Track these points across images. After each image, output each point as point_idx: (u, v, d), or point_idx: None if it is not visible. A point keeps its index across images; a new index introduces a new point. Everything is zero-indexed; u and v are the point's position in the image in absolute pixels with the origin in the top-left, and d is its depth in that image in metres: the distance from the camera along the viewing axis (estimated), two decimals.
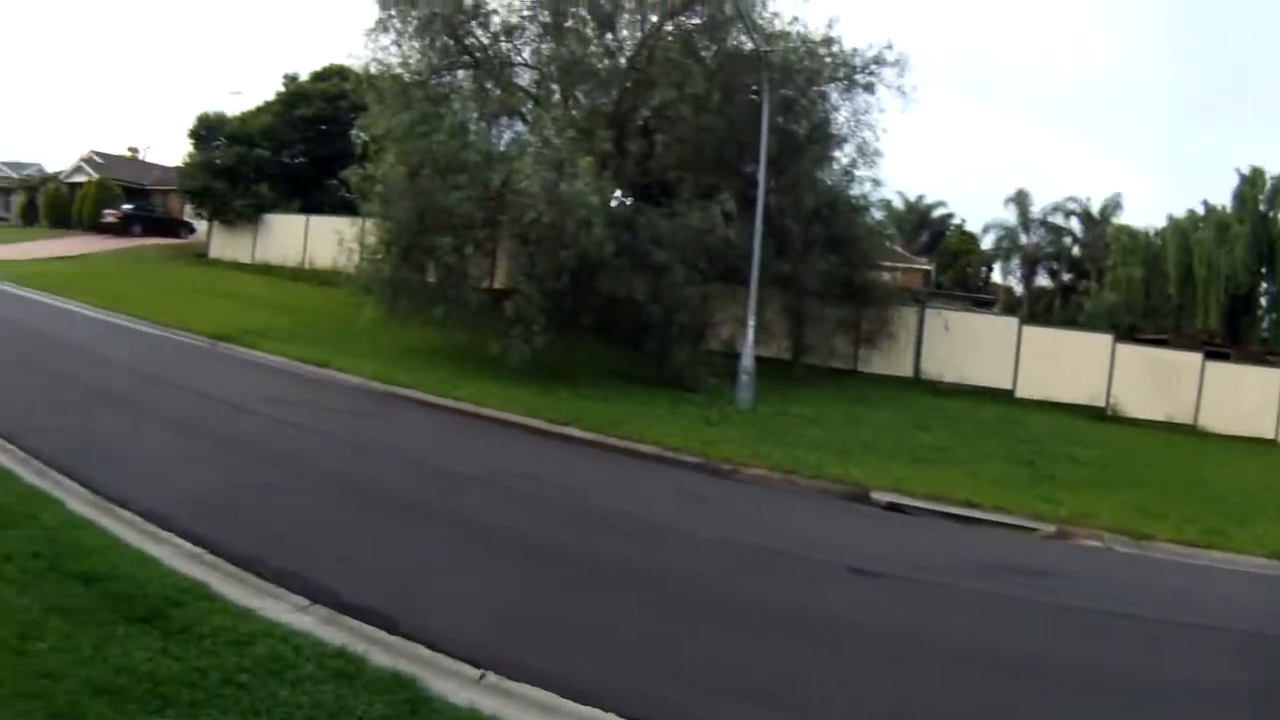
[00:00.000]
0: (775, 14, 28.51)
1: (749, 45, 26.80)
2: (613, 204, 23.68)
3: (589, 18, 28.76)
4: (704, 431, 19.64)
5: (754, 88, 27.06)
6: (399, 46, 29.94)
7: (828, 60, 28.05)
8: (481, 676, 7.59)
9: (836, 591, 11.13)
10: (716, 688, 8.01)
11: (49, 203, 74.49)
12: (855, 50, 28.39)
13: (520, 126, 30.10)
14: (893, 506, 15.99)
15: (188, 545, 9.96)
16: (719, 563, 11.66)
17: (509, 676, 7.60)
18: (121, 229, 62.93)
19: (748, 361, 23.75)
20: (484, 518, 12.63)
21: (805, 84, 27.58)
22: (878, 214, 36.39)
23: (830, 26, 28.28)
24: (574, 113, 27.80)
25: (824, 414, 22.83)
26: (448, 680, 7.41)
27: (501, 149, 28.76)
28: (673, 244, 24.58)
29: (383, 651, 7.73)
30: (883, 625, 10.02)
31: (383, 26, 29.68)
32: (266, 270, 46.29)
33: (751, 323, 24.22)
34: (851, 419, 22.58)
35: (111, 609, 7.72)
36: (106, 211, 64.77)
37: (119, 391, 18.80)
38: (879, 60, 28.30)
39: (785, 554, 12.32)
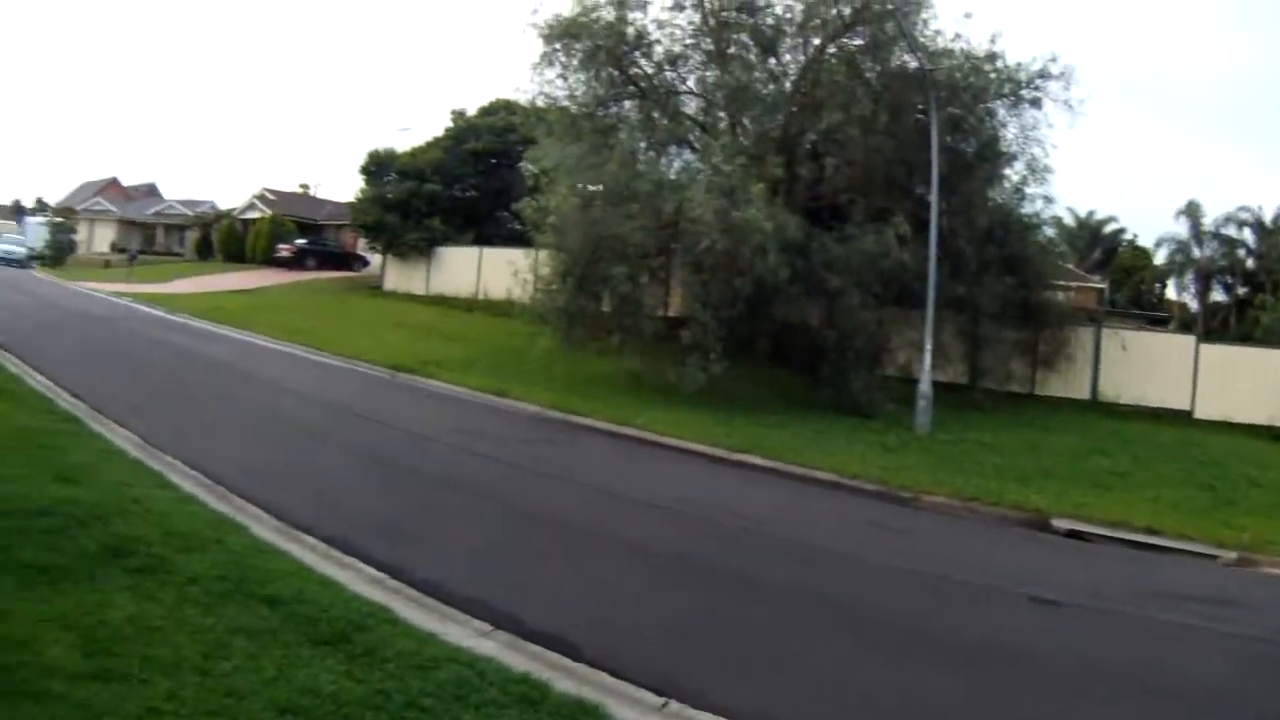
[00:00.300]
0: (938, 32, 28.11)
1: (913, 64, 26.49)
2: (785, 229, 23.44)
3: (751, 43, 28.75)
4: (882, 458, 19.40)
5: (920, 107, 26.75)
6: (565, 79, 30.24)
7: (992, 76, 27.47)
8: (664, 704, 7.59)
9: (1017, 621, 10.93)
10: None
11: (223, 238, 76.81)
12: (1019, 65, 27.78)
13: (689, 154, 30.14)
14: (1073, 534, 15.66)
15: (370, 570, 10.18)
16: (900, 592, 11.55)
17: (691, 704, 7.61)
18: (296, 263, 64.52)
19: (925, 386, 23.36)
20: (663, 545, 12.70)
21: (971, 101, 27.13)
22: (1049, 232, 35.36)
23: (993, 41, 27.72)
24: (742, 139, 27.75)
25: (1001, 439, 22.41)
26: (630, 708, 7.45)
27: (672, 177, 28.83)
28: (846, 268, 24.36)
29: (565, 678, 7.76)
30: (1064, 656, 9.76)
31: (548, 60, 29.98)
32: (441, 301, 46.93)
33: (928, 347, 23.85)
34: (1029, 444, 22.12)
35: (296, 631, 7.92)
36: (281, 246, 66.58)
37: (300, 420, 19.38)
38: (1044, 74, 27.63)
39: (966, 583, 12.13)
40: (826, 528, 14.74)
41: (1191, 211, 73.03)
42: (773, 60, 28.72)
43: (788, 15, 28.78)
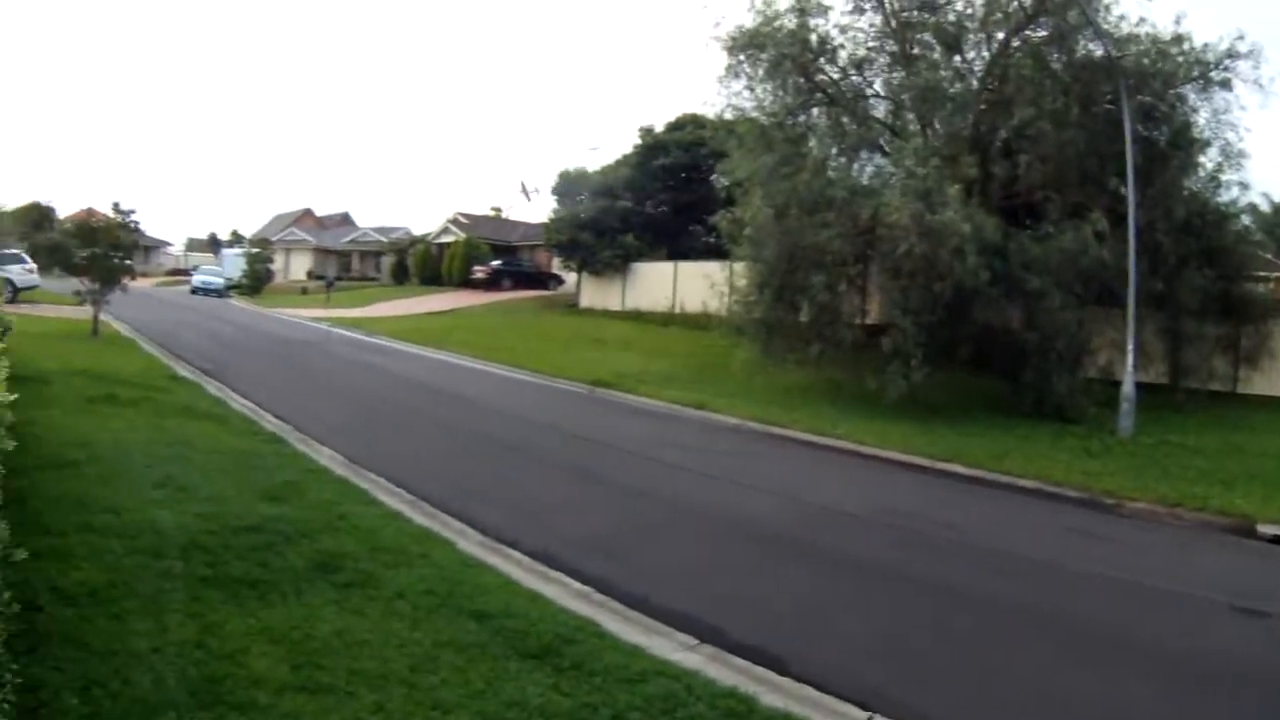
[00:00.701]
0: (1121, 17, 27.05)
1: (1099, 53, 25.69)
2: (983, 230, 22.90)
3: (935, 42, 28.20)
4: (1085, 464, 18.80)
5: (1109, 97, 26.02)
6: (751, 90, 30.00)
7: (1180, 60, 26.31)
8: (869, 719, 7.46)
9: (1222, 631, 10.41)
10: None
11: (418, 262, 78.92)
12: (1206, 45, 26.42)
13: (880, 159, 29.73)
14: (1279, 540, 14.94)
15: (576, 584, 10.23)
16: (1103, 601, 11.14)
17: (894, 718, 7.47)
18: (491, 284, 65.63)
19: (1128, 388, 22.47)
20: (867, 556, 12.49)
21: (1161, 87, 26.11)
22: (1246, 220, 33.98)
23: (1178, 23, 26.52)
24: (933, 140, 27.30)
25: (1205, 441, 21.42)
26: None
27: (865, 183, 28.53)
28: (1045, 268, 23.66)
29: (771, 691, 7.69)
30: (1269, 668, 9.31)
31: (733, 72, 29.79)
32: (637, 316, 47.24)
33: (1131, 346, 22.86)
34: (1233, 446, 21.10)
35: (504, 645, 7.96)
36: (476, 268, 67.92)
37: (499, 436, 19.55)
38: (1231, 53, 26.32)
39: (1170, 592, 11.60)
40: (1028, 536, 14.33)
41: None
42: (958, 58, 28.15)
43: (969, 11, 28.18)
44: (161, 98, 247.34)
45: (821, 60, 29.19)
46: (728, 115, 31.55)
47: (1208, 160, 27.78)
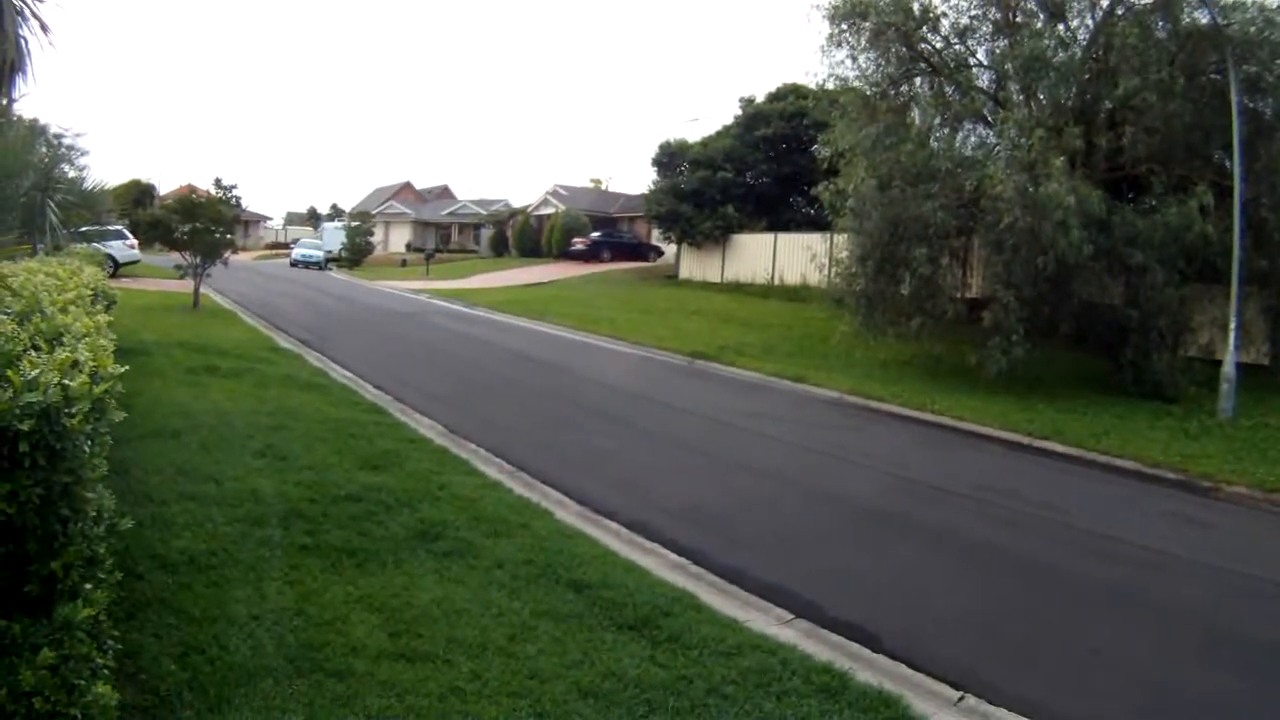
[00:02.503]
0: None
1: (1204, 21, 25.06)
2: (1087, 203, 22.43)
3: (1038, 10, 27.74)
4: (1183, 445, 18.42)
5: (1214, 67, 25.36)
6: (854, 60, 29.68)
7: None
8: (960, 699, 7.44)
9: None
10: None
11: (518, 234, 79.66)
12: None
13: (983, 129, 29.33)
14: None
15: (672, 556, 10.29)
16: (1200, 588, 10.92)
17: (987, 699, 7.42)
18: (590, 255, 65.80)
19: (1229, 368, 21.78)
20: (963, 534, 12.35)
21: (1268, 57, 25.14)
22: None
23: None
24: (1036, 111, 26.85)
25: None
26: (928, 701, 7.30)
27: (968, 154, 28.18)
28: (1149, 243, 23.18)
29: (865, 668, 7.68)
30: None
31: (835, 42, 29.45)
32: (736, 288, 46.98)
33: (1234, 325, 22.14)
34: None
35: (601, 616, 8.02)
36: (575, 239, 68.04)
37: (599, 408, 19.63)
38: None
39: (1269, 580, 11.30)
40: (1124, 518, 13.99)
41: None
42: (1061, 26, 27.56)
43: None
44: (262, 75, 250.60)
45: (924, 29, 28.82)
46: (830, 85, 31.29)
47: None
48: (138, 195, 74.67)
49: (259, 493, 10.19)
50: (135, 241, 44.09)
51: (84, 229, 20.46)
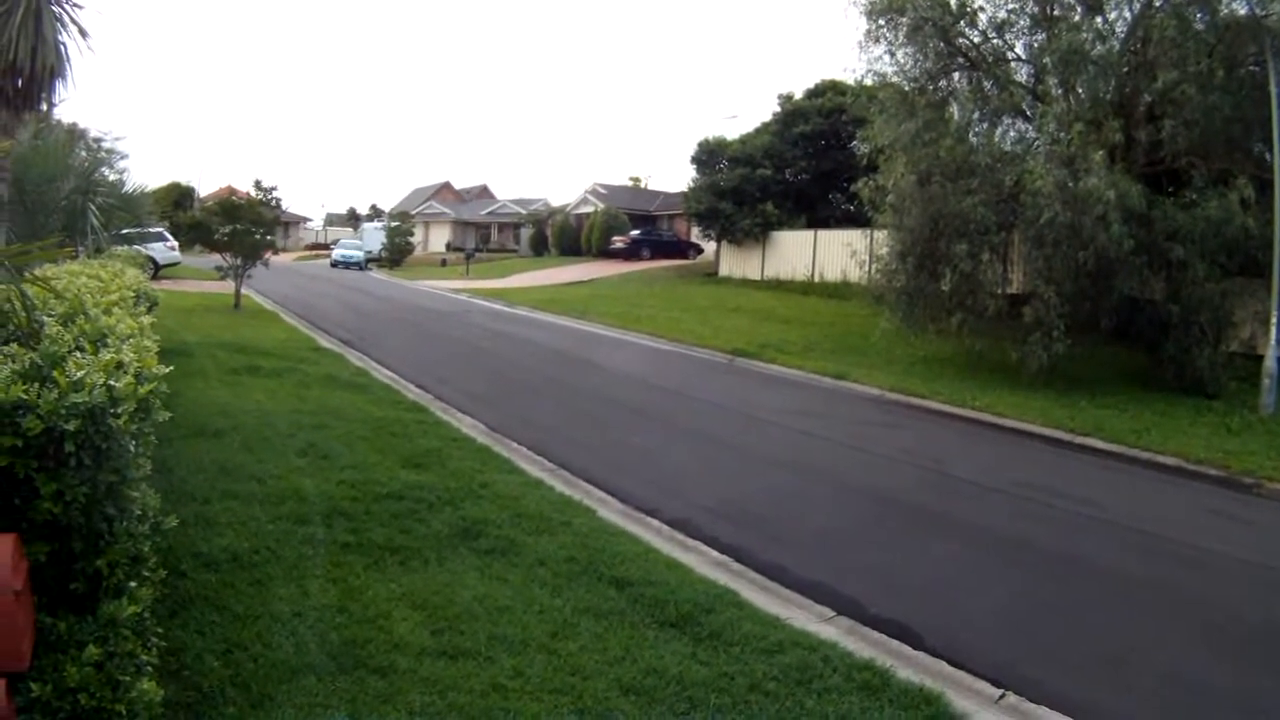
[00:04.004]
0: None
1: (1243, 11, 24.81)
2: (1127, 197, 22.28)
3: (1076, 3, 27.57)
4: (1225, 442, 18.28)
5: (1254, 58, 25.13)
6: (892, 55, 29.59)
7: None
8: (1001, 696, 7.45)
9: None
10: None
11: (557, 233, 79.94)
12: None
13: (1022, 124, 29.20)
14: None
15: (714, 553, 10.31)
16: (1242, 588, 10.81)
17: (1028, 697, 7.42)
18: (630, 254, 65.91)
19: (1271, 363, 21.72)
20: (1004, 532, 12.30)
21: None
22: None
23: None
24: (1075, 105, 26.70)
25: None
26: (969, 698, 7.31)
27: (1007, 149, 28.07)
28: (1190, 237, 22.99)
29: (905, 665, 7.70)
30: None
31: (873, 37, 29.39)
32: (776, 285, 46.98)
33: (1275, 320, 22.01)
34: None
35: (643, 613, 8.06)
36: (615, 238, 68.30)
37: (642, 405, 19.70)
38: None
39: None
40: (1167, 515, 13.93)
41: None
42: (1099, 19, 27.34)
43: None
44: (302, 75, 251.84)
45: (962, 23, 28.71)
46: (868, 81, 31.21)
47: None
48: (178, 197, 75.32)
49: (301, 491, 10.27)
50: (176, 243, 44.41)
51: (125, 231, 20.63)
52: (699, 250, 66.27)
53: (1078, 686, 7.68)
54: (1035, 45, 28.71)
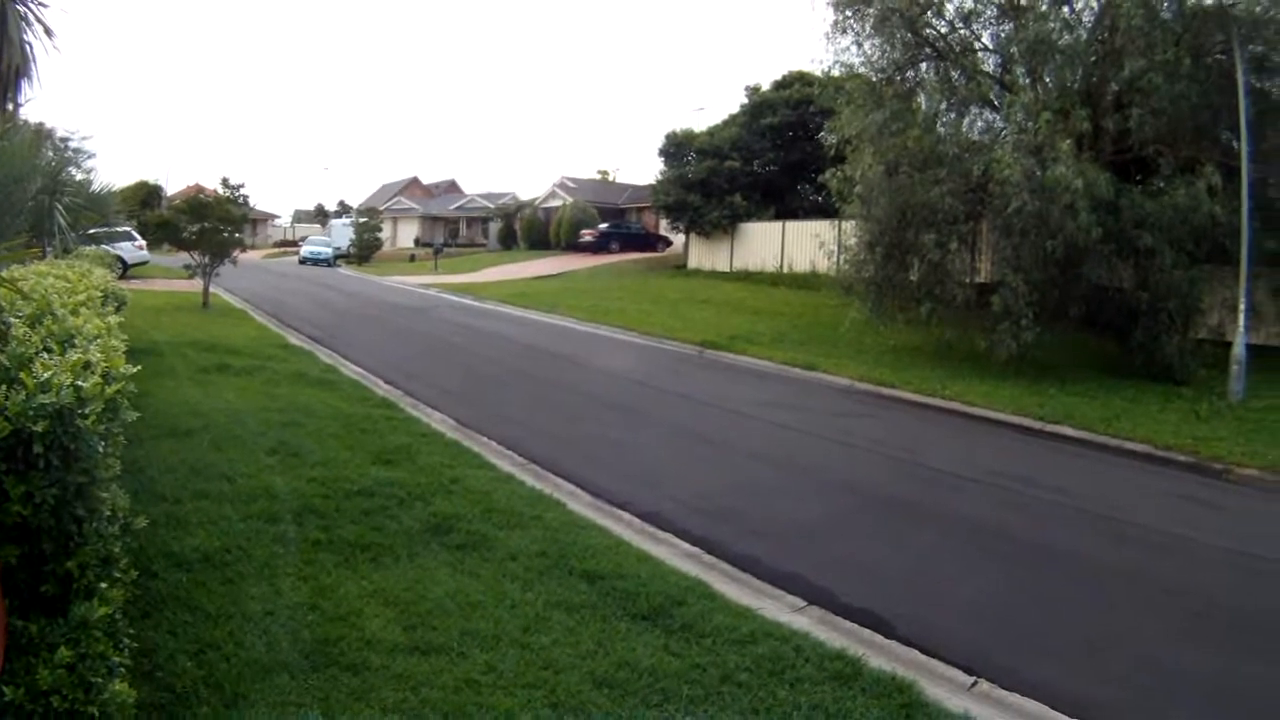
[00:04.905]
0: None
1: (1208, 1, 25.03)
2: (1095, 186, 22.40)
3: None
4: (1194, 428, 18.42)
5: (1221, 47, 25.28)
6: (859, 46, 29.65)
7: None
8: (974, 684, 7.48)
9: None
10: (1221, 711, 7.55)
11: (526, 227, 79.74)
12: None
13: (989, 114, 29.30)
14: None
15: (685, 545, 10.34)
16: (1214, 573, 10.90)
17: (1001, 685, 7.45)
18: (599, 247, 66.07)
19: (1239, 350, 21.75)
20: (976, 520, 12.36)
21: (1274, 36, 24.87)
22: None
23: None
24: (1043, 95, 26.79)
25: None
26: (941, 686, 7.34)
27: (975, 139, 28.20)
28: (1157, 225, 23.13)
29: (878, 654, 7.73)
30: None
31: (840, 28, 29.47)
32: (745, 277, 47.09)
33: (1243, 307, 22.26)
34: None
35: (614, 606, 8.06)
36: (584, 231, 68.44)
37: (611, 399, 19.76)
38: None
39: (1277, 562, 11.37)
40: (1138, 502, 14.02)
41: None
42: (1066, 9, 27.38)
43: None
44: (268, 73, 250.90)
45: (929, 14, 28.82)
46: (835, 72, 31.23)
47: None
48: (145, 196, 75.10)
49: (272, 489, 10.25)
50: (144, 242, 44.22)
51: (92, 231, 20.54)
52: (668, 243, 66.48)
53: (1050, 673, 7.71)
54: (1002, 35, 28.81)
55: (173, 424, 13.03)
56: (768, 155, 52.46)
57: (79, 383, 4.34)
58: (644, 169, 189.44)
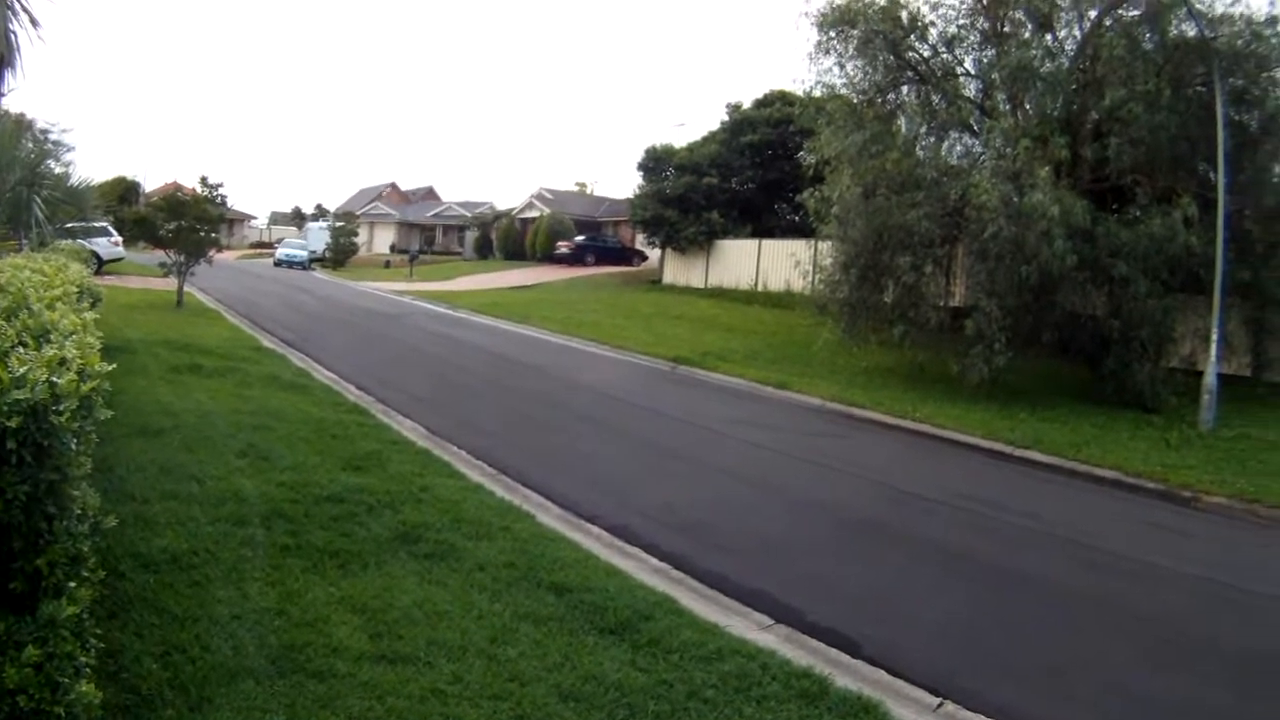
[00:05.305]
0: None
1: (1192, 33, 25.20)
2: (1071, 213, 22.51)
3: (1026, 20, 27.84)
4: (1164, 455, 18.51)
5: (1201, 79, 25.60)
6: (841, 67, 29.83)
7: (1274, 42, 25.33)
8: (939, 705, 7.51)
9: None
10: None
11: (502, 237, 79.88)
12: None
13: (969, 139, 29.46)
14: None
15: (654, 560, 10.34)
16: (1180, 598, 11.01)
17: (966, 706, 7.48)
18: (575, 259, 66.30)
19: (1211, 379, 21.89)
20: (944, 542, 12.40)
21: (1254, 70, 25.20)
22: None
23: (1273, 4, 25.92)
24: (1023, 121, 26.92)
25: None
26: (907, 706, 7.37)
27: (954, 163, 28.32)
28: (1133, 254, 23.27)
29: (844, 674, 7.74)
30: None
31: (823, 49, 29.62)
32: (720, 294, 47.13)
33: (1215, 337, 22.35)
34: None
35: (582, 619, 8.07)
36: (560, 243, 68.56)
37: (583, 412, 19.73)
38: None
39: (1247, 591, 11.39)
40: (1105, 528, 14.07)
41: None
42: (1049, 37, 27.65)
43: None
44: (249, 73, 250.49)
45: (912, 37, 28.96)
46: (817, 92, 31.31)
47: None
48: (123, 192, 74.90)
49: (241, 492, 10.20)
50: (120, 239, 44.05)
51: (69, 225, 20.45)
52: (643, 257, 66.53)
53: (1016, 696, 7.76)
54: (985, 61, 29.04)
55: (143, 423, 12.99)
56: (746, 173, 52.61)
57: (54, 379, 4.31)
58: (622, 182, 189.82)
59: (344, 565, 8.54)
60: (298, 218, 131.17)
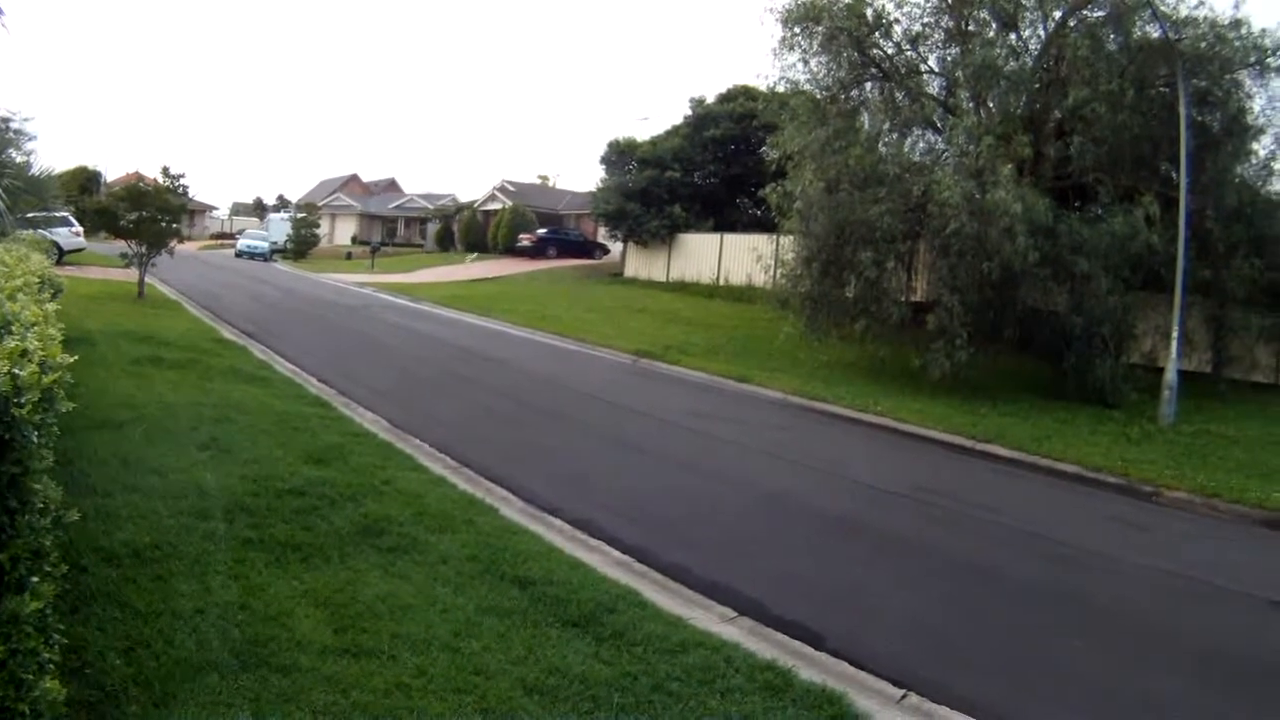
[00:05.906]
0: None
1: (1156, 34, 25.43)
2: (1034, 211, 22.65)
3: (991, 19, 27.93)
4: (1125, 450, 18.69)
5: (1164, 80, 25.92)
6: (805, 63, 29.87)
7: (1237, 45, 25.86)
8: (903, 697, 7.53)
9: (1257, 626, 10.33)
10: None
11: (464, 230, 79.51)
12: (1264, 31, 26.16)
13: (932, 136, 29.54)
14: None
15: (616, 553, 10.32)
16: (1138, 590, 11.12)
17: (930, 698, 7.50)
18: (537, 252, 66.17)
19: (1171, 376, 22.20)
20: (905, 535, 12.49)
21: (1217, 72, 25.53)
22: None
23: (1237, 7, 26.18)
24: (986, 119, 27.02)
25: (1245, 433, 21.17)
26: (871, 698, 7.38)
27: (917, 160, 28.42)
28: (1095, 251, 23.47)
29: (808, 666, 7.75)
30: None
31: (787, 45, 29.62)
32: (681, 288, 47.39)
33: (1176, 334, 22.68)
34: (1274, 438, 20.62)
35: (546, 612, 8.05)
36: (522, 236, 68.39)
37: (545, 405, 19.72)
38: None
39: (1204, 583, 11.53)
40: (1067, 521, 14.25)
41: None
42: (1013, 36, 27.82)
43: None
44: (211, 63, 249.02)
45: (876, 35, 29.01)
46: (781, 88, 31.50)
47: (1261, 148, 27.24)
48: (84, 182, 74.28)
49: (203, 485, 10.13)
50: (81, 229, 43.71)
51: (30, 215, 20.27)
52: (605, 250, 66.57)
53: (979, 687, 7.80)
54: (949, 59, 29.17)
55: (104, 416, 12.89)
56: (709, 167, 52.85)
57: (15, 370, 4.28)
58: (585, 176, 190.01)
59: (307, 559, 8.49)
60: (259, 209, 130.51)
